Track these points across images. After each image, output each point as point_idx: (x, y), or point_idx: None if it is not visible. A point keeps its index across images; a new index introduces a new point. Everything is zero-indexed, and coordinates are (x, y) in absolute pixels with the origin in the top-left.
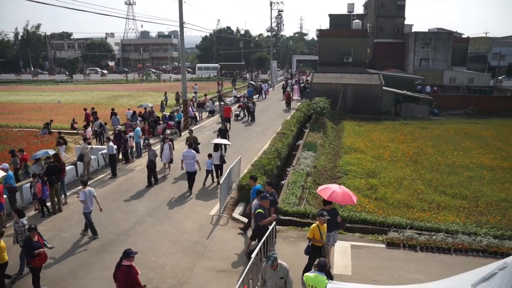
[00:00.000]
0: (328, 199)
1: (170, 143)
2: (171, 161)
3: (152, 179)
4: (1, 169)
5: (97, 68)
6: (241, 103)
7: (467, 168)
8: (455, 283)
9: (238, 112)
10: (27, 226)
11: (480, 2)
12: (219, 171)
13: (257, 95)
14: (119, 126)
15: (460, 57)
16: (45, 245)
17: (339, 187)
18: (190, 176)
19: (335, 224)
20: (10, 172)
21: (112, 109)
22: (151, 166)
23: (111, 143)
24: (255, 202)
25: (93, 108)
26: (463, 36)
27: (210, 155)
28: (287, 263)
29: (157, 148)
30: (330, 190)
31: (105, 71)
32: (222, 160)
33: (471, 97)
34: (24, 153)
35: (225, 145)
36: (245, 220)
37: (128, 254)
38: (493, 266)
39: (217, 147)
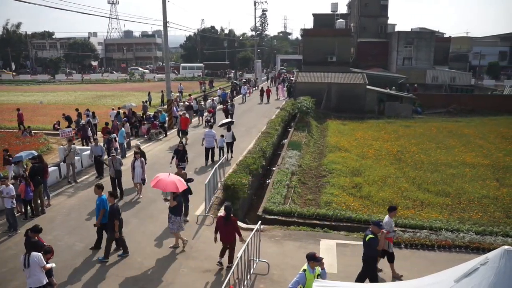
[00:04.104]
0: (154, 187)
1: (143, 159)
2: (143, 181)
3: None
4: None
5: (139, 68)
6: (211, 108)
7: (450, 166)
8: (439, 279)
9: (209, 118)
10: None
11: (462, 2)
12: (230, 147)
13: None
14: (83, 121)
15: (442, 56)
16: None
17: (168, 175)
18: (208, 151)
19: (181, 210)
20: None
21: (77, 109)
22: (117, 176)
23: (99, 144)
24: (367, 232)
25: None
26: (444, 35)
27: (222, 135)
28: (272, 262)
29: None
30: (157, 178)
31: (146, 70)
32: (234, 138)
33: (453, 96)
34: None
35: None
36: None
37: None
38: (475, 262)
39: (229, 127)
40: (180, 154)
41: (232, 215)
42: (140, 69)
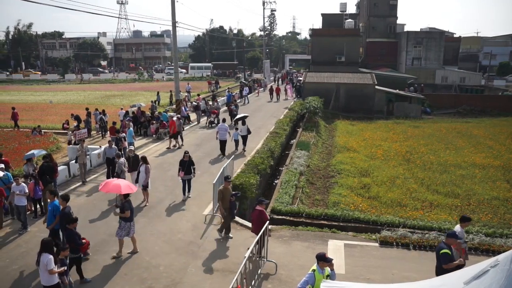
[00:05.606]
0: (107, 191)
1: (148, 165)
2: (144, 187)
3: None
4: None
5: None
6: (215, 109)
7: (459, 167)
8: (448, 281)
9: (212, 119)
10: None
11: (472, 2)
12: (244, 140)
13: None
14: (74, 124)
15: (452, 56)
16: None
17: (117, 179)
18: (222, 144)
19: (131, 216)
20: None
21: (87, 108)
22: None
23: (114, 146)
24: (441, 244)
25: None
26: (454, 35)
27: (236, 128)
28: (280, 262)
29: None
30: (108, 184)
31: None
32: (248, 131)
33: (463, 96)
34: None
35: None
36: (242, 221)
37: (261, 201)
38: (485, 264)
39: (244, 121)
40: (186, 165)
41: (257, 206)
42: None
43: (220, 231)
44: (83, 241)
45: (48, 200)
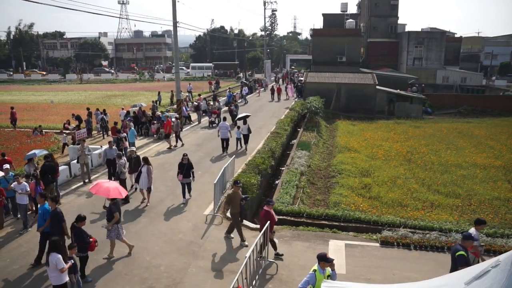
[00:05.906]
0: (96, 193)
1: (150, 167)
2: (148, 189)
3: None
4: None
5: (183, 68)
6: (216, 109)
7: (460, 167)
8: (449, 281)
9: (213, 119)
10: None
11: (473, 2)
12: (246, 139)
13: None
14: (73, 125)
15: (453, 56)
16: None
17: (108, 182)
18: (224, 141)
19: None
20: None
21: (88, 108)
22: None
23: (114, 147)
24: (457, 246)
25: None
26: (455, 35)
27: (238, 127)
28: (281, 262)
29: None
30: (98, 185)
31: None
32: (249, 130)
33: (464, 96)
34: None
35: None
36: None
37: (268, 202)
38: (486, 264)
39: (245, 121)
40: (185, 169)
41: (265, 206)
42: (184, 68)
43: (241, 240)
44: (90, 239)
45: (39, 204)
